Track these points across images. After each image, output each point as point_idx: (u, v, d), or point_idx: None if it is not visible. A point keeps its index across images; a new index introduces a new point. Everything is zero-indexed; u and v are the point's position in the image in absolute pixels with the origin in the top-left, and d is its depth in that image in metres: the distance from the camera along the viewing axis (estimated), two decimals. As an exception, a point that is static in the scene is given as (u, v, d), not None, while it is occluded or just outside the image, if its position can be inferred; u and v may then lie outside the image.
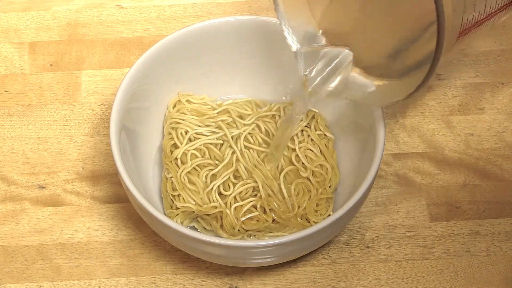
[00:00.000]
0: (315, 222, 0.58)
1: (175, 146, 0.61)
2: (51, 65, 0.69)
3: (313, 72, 0.56)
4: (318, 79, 0.56)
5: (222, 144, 0.61)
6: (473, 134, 0.66)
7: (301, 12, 0.57)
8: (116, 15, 0.72)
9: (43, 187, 0.63)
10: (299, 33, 0.57)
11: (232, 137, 0.61)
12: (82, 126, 0.66)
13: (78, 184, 0.63)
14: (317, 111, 0.62)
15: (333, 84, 0.56)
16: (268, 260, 0.56)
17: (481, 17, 0.51)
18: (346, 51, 0.55)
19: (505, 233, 0.61)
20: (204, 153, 0.60)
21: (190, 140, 0.61)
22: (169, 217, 0.58)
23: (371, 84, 0.55)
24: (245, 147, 0.61)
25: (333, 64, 0.55)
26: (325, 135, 0.62)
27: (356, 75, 0.56)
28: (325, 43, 0.57)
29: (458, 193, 0.63)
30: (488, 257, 0.60)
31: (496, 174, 0.64)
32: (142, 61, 0.60)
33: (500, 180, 0.64)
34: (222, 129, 0.61)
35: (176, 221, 0.58)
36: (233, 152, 0.60)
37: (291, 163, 0.60)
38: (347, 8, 0.56)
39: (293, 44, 0.57)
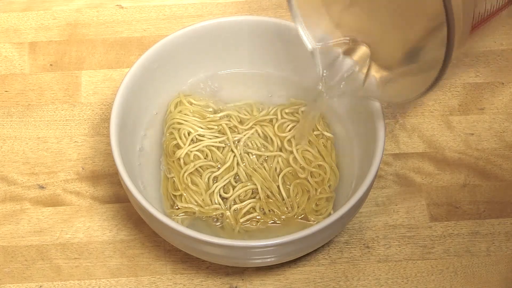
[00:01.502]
0: (315, 222, 0.58)
1: (177, 146, 0.61)
2: (51, 65, 0.69)
3: (331, 70, 0.56)
4: (337, 77, 0.56)
5: (223, 148, 0.61)
6: (473, 134, 0.66)
7: (316, 10, 0.57)
8: (116, 15, 0.72)
9: (43, 187, 0.63)
10: (314, 31, 0.56)
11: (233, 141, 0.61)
12: (82, 126, 0.66)
13: (78, 184, 0.63)
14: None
15: (351, 81, 0.56)
16: (268, 260, 0.56)
17: (494, 9, 0.52)
18: (364, 47, 0.55)
19: (505, 233, 0.61)
20: (207, 155, 0.60)
21: (193, 141, 0.61)
22: (170, 216, 0.58)
23: (387, 81, 0.55)
24: (244, 151, 0.61)
25: (351, 61, 0.55)
26: (323, 134, 0.62)
27: (373, 72, 0.56)
28: (342, 40, 0.56)
29: (458, 193, 0.63)
30: (488, 257, 0.60)
31: (496, 174, 0.64)
32: (142, 61, 0.60)
33: (500, 180, 0.64)
34: (225, 133, 0.61)
35: (177, 222, 0.58)
36: (234, 156, 0.60)
37: (290, 164, 0.60)
38: (364, 9, 0.56)
39: (309, 42, 0.56)
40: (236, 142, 0.61)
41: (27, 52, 0.70)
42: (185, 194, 0.59)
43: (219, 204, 0.58)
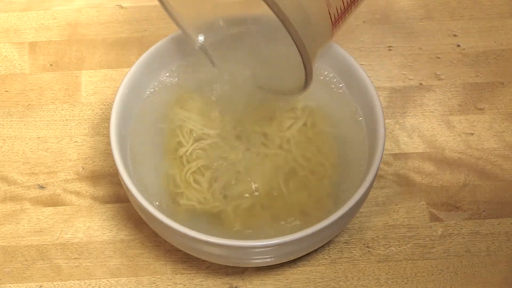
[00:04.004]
0: (315, 219, 0.57)
1: (179, 144, 0.61)
2: (51, 65, 0.69)
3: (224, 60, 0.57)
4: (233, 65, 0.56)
5: (225, 146, 0.61)
6: (473, 134, 0.66)
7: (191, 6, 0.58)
8: (116, 15, 0.72)
9: (43, 187, 0.63)
10: (198, 24, 0.58)
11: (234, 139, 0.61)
12: (82, 126, 0.66)
13: (78, 184, 0.63)
14: (315, 106, 0.62)
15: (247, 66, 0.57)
16: (268, 260, 0.56)
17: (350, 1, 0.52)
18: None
19: (505, 233, 0.61)
20: (209, 153, 0.61)
21: (195, 139, 0.61)
22: (170, 214, 0.58)
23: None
24: (246, 149, 0.61)
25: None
26: (323, 131, 0.62)
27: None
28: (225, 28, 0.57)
29: (458, 193, 0.63)
30: (488, 257, 0.60)
31: (496, 174, 0.64)
32: (142, 61, 0.60)
33: (500, 180, 0.64)
34: (225, 131, 0.61)
35: (177, 219, 0.58)
36: (236, 154, 0.61)
37: (290, 162, 0.60)
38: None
39: (196, 39, 0.57)
40: (237, 140, 0.61)
41: (27, 52, 0.70)
42: (187, 192, 0.59)
43: (220, 201, 0.59)
